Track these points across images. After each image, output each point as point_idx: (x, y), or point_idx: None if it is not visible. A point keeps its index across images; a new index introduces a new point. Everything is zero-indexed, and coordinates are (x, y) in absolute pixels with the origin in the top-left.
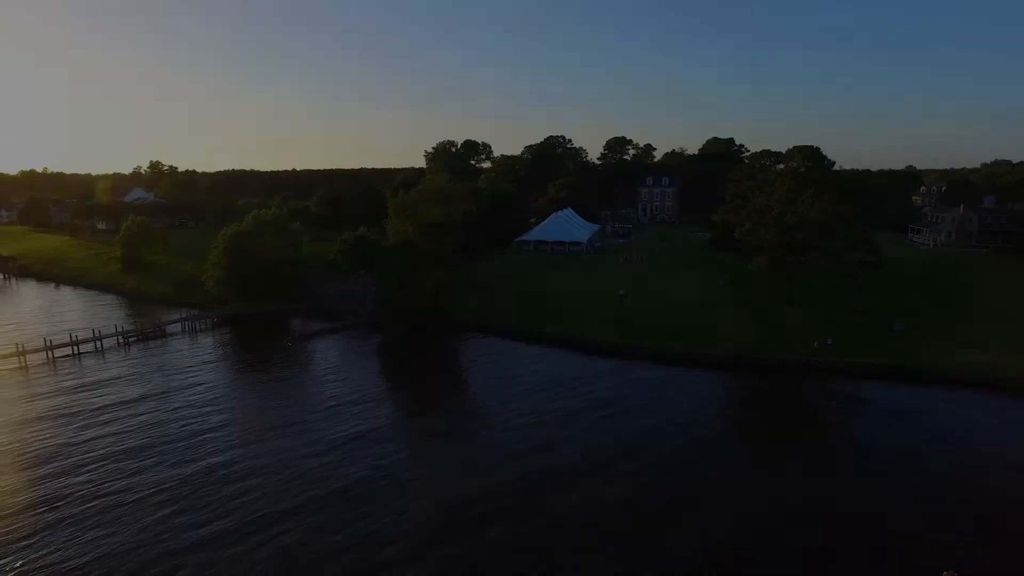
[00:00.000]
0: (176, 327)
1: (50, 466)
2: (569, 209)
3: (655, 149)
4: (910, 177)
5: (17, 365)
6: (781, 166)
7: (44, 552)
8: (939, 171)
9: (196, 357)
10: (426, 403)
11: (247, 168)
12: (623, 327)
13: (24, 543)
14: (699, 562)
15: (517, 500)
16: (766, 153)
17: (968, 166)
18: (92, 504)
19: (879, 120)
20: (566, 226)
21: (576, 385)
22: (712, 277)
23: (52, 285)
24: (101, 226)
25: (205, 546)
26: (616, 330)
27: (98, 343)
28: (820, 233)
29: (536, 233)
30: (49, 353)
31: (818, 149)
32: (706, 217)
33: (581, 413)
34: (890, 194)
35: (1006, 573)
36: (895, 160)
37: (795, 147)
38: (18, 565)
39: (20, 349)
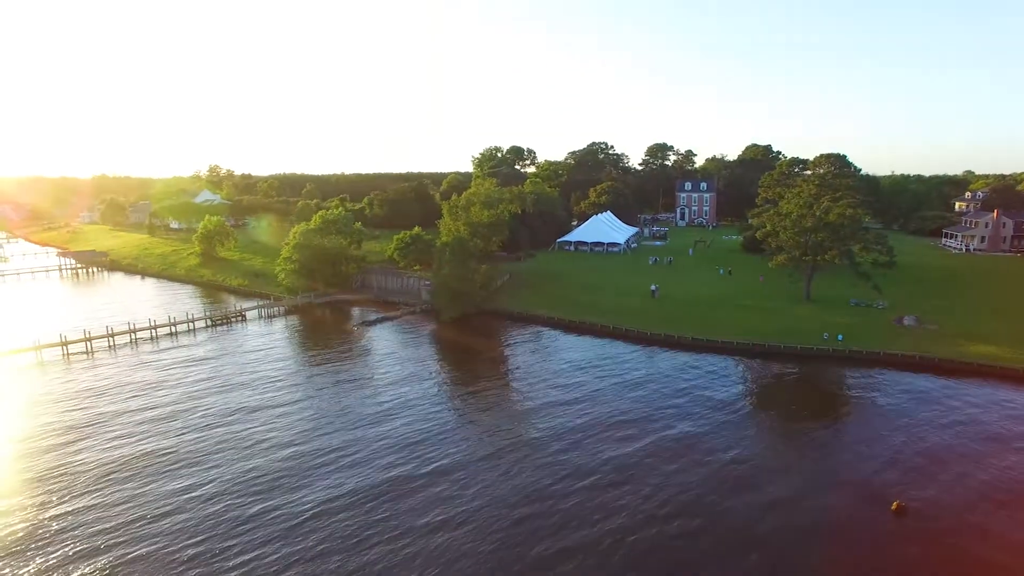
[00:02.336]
0: (253, 312)
1: (169, 394)
2: (608, 213)
3: (695, 155)
4: (952, 183)
5: (128, 340)
6: (808, 172)
7: (184, 441)
8: (994, 176)
9: (274, 335)
10: (474, 371)
11: (299, 172)
12: (653, 317)
13: (172, 439)
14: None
15: (548, 416)
16: (795, 160)
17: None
18: (208, 420)
19: (938, 125)
20: (605, 228)
21: (604, 363)
22: (740, 277)
23: (138, 277)
24: (174, 225)
25: (308, 440)
26: (646, 320)
27: (191, 324)
28: (836, 235)
29: (576, 234)
30: (153, 332)
31: (844, 156)
32: (742, 221)
33: (606, 379)
34: (929, 199)
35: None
36: (953, 166)
37: (822, 154)
38: (169, 445)
39: (131, 328)
